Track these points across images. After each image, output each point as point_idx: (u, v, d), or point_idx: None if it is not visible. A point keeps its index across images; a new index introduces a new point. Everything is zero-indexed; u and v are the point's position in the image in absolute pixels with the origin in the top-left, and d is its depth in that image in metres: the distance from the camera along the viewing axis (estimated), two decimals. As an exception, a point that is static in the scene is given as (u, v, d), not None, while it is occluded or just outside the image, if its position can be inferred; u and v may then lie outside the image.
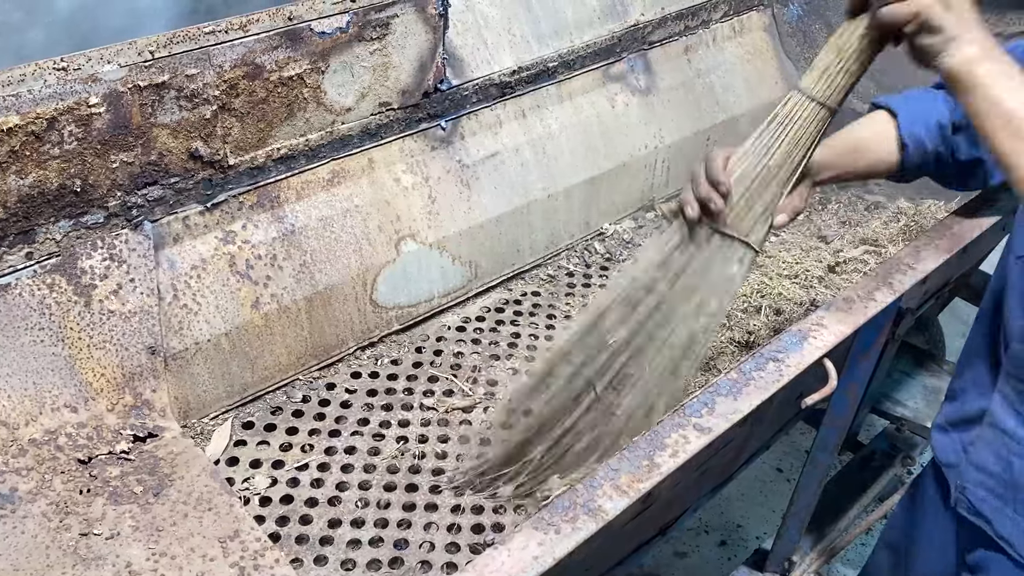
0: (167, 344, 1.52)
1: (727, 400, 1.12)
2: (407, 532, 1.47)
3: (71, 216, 1.42)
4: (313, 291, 1.69)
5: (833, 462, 1.79)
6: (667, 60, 2.29)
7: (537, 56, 2.00)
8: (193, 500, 1.32)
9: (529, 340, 1.89)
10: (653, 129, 2.23)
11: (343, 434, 1.64)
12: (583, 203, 2.12)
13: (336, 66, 1.64)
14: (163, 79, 1.43)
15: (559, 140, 2.06)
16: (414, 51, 1.75)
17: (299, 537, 1.45)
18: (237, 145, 1.57)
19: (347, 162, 1.74)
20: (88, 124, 1.38)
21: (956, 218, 1.54)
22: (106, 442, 1.40)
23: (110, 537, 1.25)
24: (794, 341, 1.21)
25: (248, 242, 1.62)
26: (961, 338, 3.28)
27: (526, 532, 0.95)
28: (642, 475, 1.02)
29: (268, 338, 1.65)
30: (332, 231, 1.71)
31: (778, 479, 2.95)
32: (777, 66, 2.54)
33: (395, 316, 1.84)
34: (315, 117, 1.66)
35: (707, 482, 1.71)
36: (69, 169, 1.38)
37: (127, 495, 1.32)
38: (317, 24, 1.59)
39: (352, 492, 1.53)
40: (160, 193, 1.51)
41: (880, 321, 1.40)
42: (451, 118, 1.88)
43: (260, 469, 1.56)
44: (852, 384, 1.55)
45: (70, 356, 1.42)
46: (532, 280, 2.06)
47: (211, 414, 1.62)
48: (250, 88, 1.54)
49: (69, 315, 1.43)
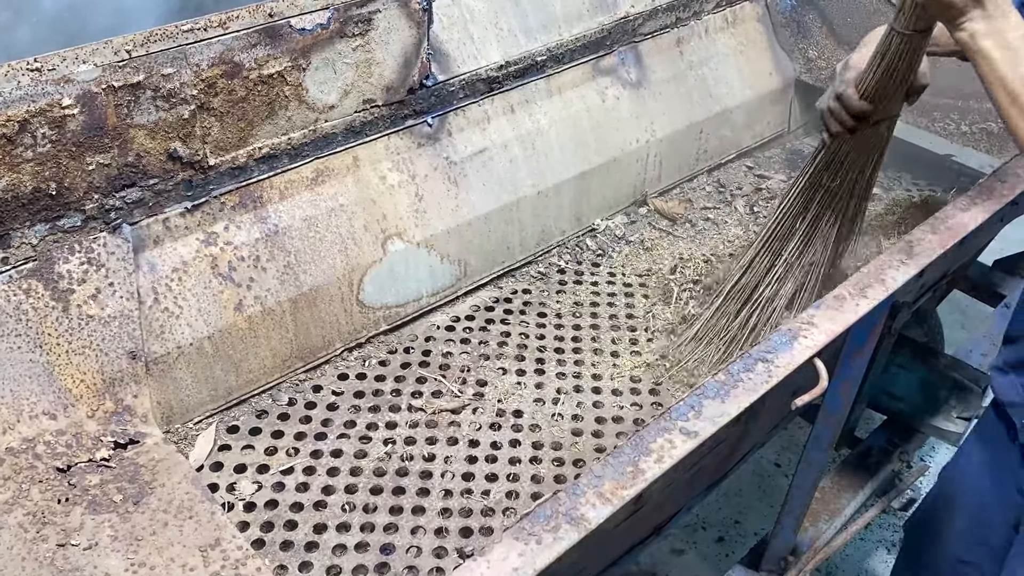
0: (148, 348, 1.50)
1: (714, 403, 1.09)
2: (394, 536, 1.45)
3: (47, 220, 1.39)
4: (298, 292, 1.66)
5: (828, 459, 1.77)
6: (658, 52, 2.25)
7: (525, 50, 1.97)
8: (174, 508, 1.30)
9: (519, 339, 1.86)
10: (644, 123, 2.20)
11: (329, 437, 1.61)
12: (574, 199, 2.09)
13: (318, 63, 1.61)
14: (138, 79, 1.40)
15: (548, 135, 2.03)
16: (398, 47, 1.72)
17: (284, 543, 1.43)
18: (217, 145, 1.54)
19: (331, 160, 1.72)
20: (62, 126, 1.35)
21: (952, 211, 1.51)
22: (86, 449, 1.38)
23: (88, 547, 1.23)
24: (784, 341, 1.18)
25: (230, 243, 1.59)
26: (961, 330, 3.25)
27: (506, 543, 0.92)
28: (626, 482, 0.99)
29: (252, 341, 1.62)
30: (317, 231, 1.68)
31: (776, 474, 2.92)
32: (771, 57, 2.50)
33: (382, 316, 1.81)
34: (297, 115, 1.63)
35: (701, 481, 1.68)
36: (44, 172, 1.36)
37: (106, 504, 1.30)
38: (297, 21, 1.56)
39: (338, 496, 1.51)
40: (139, 195, 1.48)
41: (872, 318, 1.37)
42: (437, 114, 1.85)
43: (245, 474, 1.53)
44: (846, 381, 1.52)
45: (48, 362, 1.40)
46: (523, 278, 2.04)
47: (195, 419, 1.59)
48: (229, 87, 1.51)
49: (47, 321, 1.40)
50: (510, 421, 1.67)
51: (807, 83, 2.54)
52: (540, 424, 1.67)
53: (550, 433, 1.66)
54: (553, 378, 1.78)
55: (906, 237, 1.42)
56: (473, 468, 1.58)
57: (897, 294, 1.36)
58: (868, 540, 2.72)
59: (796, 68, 2.54)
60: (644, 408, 1.72)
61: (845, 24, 2.44)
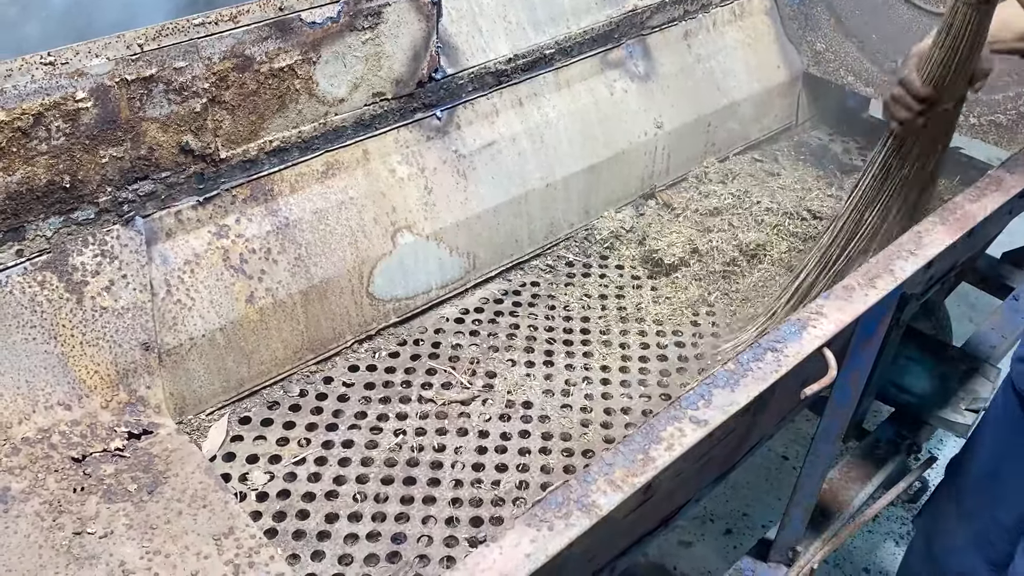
0: (161, 340, 1.51)
1: (724, 392, 1.09)
2: (405, 526, 1.46)
3: (61, 212, 1.41)
4: (308, 285, 1.67)
5: (836, 451, 1.77)
6: (666, 45, 2.26)
7: (533, 43, 1.97)
8: (187, 497, 1.31)
9: (528, 331, 1.87)
10: (652, 116, 2.20)
11: (340, 428, 1.62)
12: (582, 192, 2.10)
13: (328, 56, 1.62)
14: (151, 72, 1.41)
15: (557, 128, 2.03)
16: (407, 40, 1.72)
17: (296, 532, 1.44)
18: (228, 138, 1.55)
19: (341, 154, 1.73)
20: (76, 119, 1.36)
21: (960, 201, 1.51)
22: (100, 440, 1.39)
23: (103, 536, 1.24)
24: (793, 331, 1.19)
25: (242, 236, 1.60)
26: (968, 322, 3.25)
27: (519, 529, 0.93)
28: (637, 469, 1.00)
29: (264, 332, 1.63)
30: (327, 224, 1.70)
31: (784, 467, 2.93)
32: (778, 50, 2.50)
33: (392, 309, 1.82)
34: (307, 108, 1.64)
35: (710, 472, 1.69)
36: (58, 165, 1.37)
37: (121, 493, 1.31)
38: (308, 14, 1.56)
39: (349, 486, 1.52)
40: (151, 188, 1.49)
41: (881, 309, 1.37)
42: (446, 107, 1.86)
43: (257, 464, 1.55)
44: (854, 372, 1.52)
45: (63, 354, 1.41)
46: (531, 271, 2.04)
47: (207, 410, 1.60)
48: (240, 80, 1.52)
49: (61, 312, 1.41)
50: (519, 412, 1.68)
51: (815, 76, 2.54)
52: (550, 415, 1.68)
53: (559, 424, 1.67)
54: (562, 370, 1.79)
55: (915, 228, 1.42)
56: (483, 459, 1.59)
57: (906, 285, 1.36)
58: (876, 532, 2.73)
59: (804, 61, 2.54)
60: (653, 399, 1.73)
61: (853, 17, 2.43)
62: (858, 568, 2.64)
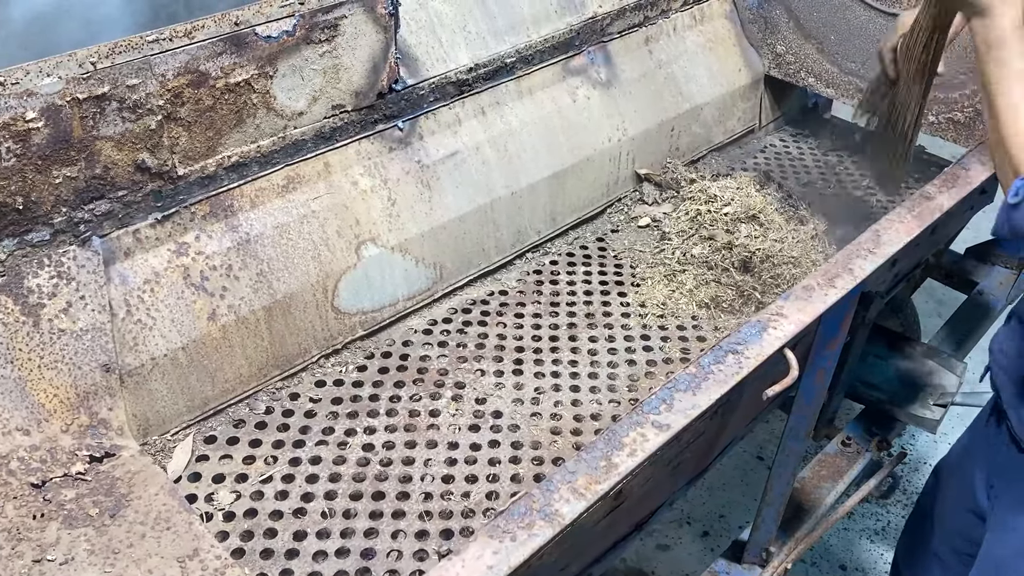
0: (122, 361, 1.49)
1: (686, 395, 1.10)
2: (374, 541, 1.45)
3: (15, 234, 1.38)
4: (272, 300, 1.66)
5: (805, 449, 1.78)
6: (627, 52, 2.27)
7: (494, 52, 1.97)
8: (151, 520, 1.29)
9: (497, 340, 1.87)
10: (616, 121, 2.21)
11: (307, 444, 1.61)
12: (548, 199, 2.10)
13: (285, 70, 1.61)
14: (103, 91, 1.39)
15: (520, 136, 2.03)
16: (365, 52, 1.72)
17: (264, 551, 1.43)
18: (186, 155, 1.54)
19: (302, 167, 1.71)
20: (27, 139, 1.34)
21: (920, 199, 1.53)
22: (61, 464, 1.37)
23: (64, 562, 1.22)
24: (753, 332, 1.19)
25: (202, 253, 1.58)
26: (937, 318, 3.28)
27: (481, 541, 0.93)
28: (600, 476, 1.00)
29: (227, 350, 1.61)
30: (289, 238, 1.68)
31: (759, 467, 2.94)
32: (740, 53, 2.52)
33: (359, 322, 1.81)
34: (266, 123, 1.62)
35: (682, 475, 1.69)
36: (9, 187, 1.35)
37: (82, 518, 1.29)
38: (263, 28, 1.55)
39: (318, 503, 1.51)
40: (108, 207, 1.47)
41: (842, 308, 1.38)
42: (408, 118, 1.86)
43: (224, 484, 1.53)
44: (819, 371, 1.53)
45: (20, 378, 1.39)
46: (499, 279, 2.04)
47: (172, 430, 1.58)
48: (196, 96, 1.50)
49: (17, 335, 1.39)
50: (489, 422, 1.68)
51: (776, 78, 2.56)
52: (519, 424, 1.68)
53: (529, 433, 1.66)
54: (532, 378, 1.78)
55: (873, 227, 1.43)
56: (453, 470, 1.58)
57: (868, 283, 1.37)
58: (852, 529, 2.74)
59: (765, 63, 2.56)
60: (622, 404, 1.73)
61: (812, 19, 2.46)
62: (835, 565, 2.65)
